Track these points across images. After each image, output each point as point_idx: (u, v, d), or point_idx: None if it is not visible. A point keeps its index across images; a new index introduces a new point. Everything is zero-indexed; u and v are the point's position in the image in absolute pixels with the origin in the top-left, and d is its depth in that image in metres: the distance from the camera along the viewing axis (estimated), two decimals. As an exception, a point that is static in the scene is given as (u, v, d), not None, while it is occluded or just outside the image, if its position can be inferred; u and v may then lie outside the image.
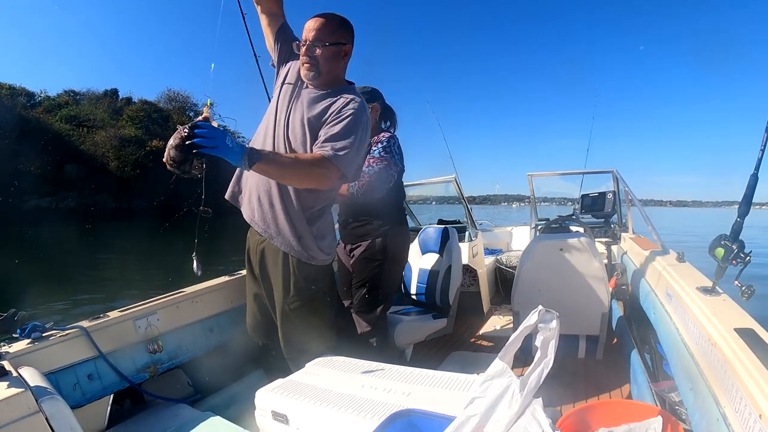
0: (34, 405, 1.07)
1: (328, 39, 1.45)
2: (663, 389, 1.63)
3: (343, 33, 1.50)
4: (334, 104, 1.47)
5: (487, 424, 0.87)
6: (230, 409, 1.80)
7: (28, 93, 32.70)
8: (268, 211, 1.49)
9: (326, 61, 1.47)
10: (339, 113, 1.44)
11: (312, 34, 1.44)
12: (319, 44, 1.44)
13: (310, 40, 1.44)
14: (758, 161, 1.21)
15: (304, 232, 1.49)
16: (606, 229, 3.83)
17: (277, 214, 1.48)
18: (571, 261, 2.13)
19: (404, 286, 2.73)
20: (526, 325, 0.92)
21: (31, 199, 26.64)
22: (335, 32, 1.47)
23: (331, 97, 1.49)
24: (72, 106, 33.88)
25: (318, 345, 1.56)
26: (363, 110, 1.47)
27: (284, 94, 1.55)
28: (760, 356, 0.92)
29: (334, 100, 1.48)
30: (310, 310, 1.54)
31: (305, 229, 1.49)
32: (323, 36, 1.45)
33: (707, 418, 1.05)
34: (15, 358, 1.30)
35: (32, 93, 33.31)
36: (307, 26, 1.47)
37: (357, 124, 1.43)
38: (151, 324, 1.69)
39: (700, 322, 1.22)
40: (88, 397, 1.47)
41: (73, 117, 32.10)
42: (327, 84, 1.52)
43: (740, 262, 1.23)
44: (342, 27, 1.49)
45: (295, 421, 1.19)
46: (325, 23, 1.46)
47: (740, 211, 1.26)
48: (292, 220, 1.48)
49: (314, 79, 1.50)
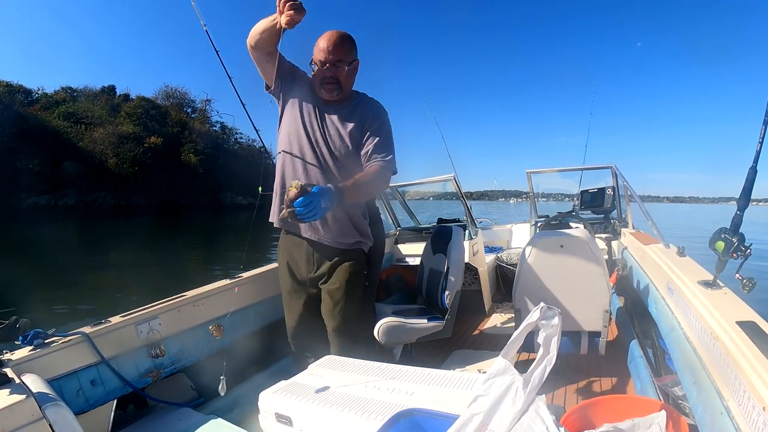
0: (38, 412, 1.07)
1: (347, 58, 1.55)
2: (666, 384, 1.63)
3: (355, 48, 1.59)
4: (366, 115, 1.63)
5: (490, 422, 0.87)
6: (234, 412, 1.80)
7: (25, 90, 32.62)
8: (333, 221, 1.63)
9: (347, 79, 1.59)
10: (375, 122, 1.62)
11: (332, 56, 1.52)
12: (340, 65, 1.53)
13: (331, 62, 1.52)
14: (757, 153, 1.21)
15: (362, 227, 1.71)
16: (606, 225, 3.83)
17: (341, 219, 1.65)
18: (572, 257, 2.13)
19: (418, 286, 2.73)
20: (528, 322, 0.92)
21: (30, 196, 26.59)
22: (351, 50, 1.56)
23: (357, 109, 1.64)
24: (69, 103, 33.83)
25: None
26: (385, 111, 1.68)
27: (309, 115, 1.63)
28: (763, 349, 0.92)
29: (365, 111, 1.64)
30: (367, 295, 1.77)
31: (362, 223, 1.71)
32: (343, 56, 1.53)
33: (711, 411, 1.05)
34: (17, 365, 1.30)
35: (29, 90, 33.29)
36: (322, 48, 1.52)
37: (389, 126, 1.66)
38: (153, 328, 1.69)
39: (702, 315, 1.22)
40: (91, 403, 1.46)
41: (70, 114, 32.03)
42: (346, 97, 1.64)
43: (741, 255, 1.23)
44: (353, 43, 1.58)
45: (299, 422, 1.19)
46: (342, 43, 1.53)
47: (740, 204, 1.26)
48: (353, 220, 1.68)
49: (336, 96, 1.60)
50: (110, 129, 32.24)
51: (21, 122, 27.11)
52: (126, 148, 31.88)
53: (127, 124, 34.21)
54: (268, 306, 2.28)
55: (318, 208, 1.24)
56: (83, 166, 29.50)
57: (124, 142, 32.06)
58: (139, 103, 37.66)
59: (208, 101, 45.17)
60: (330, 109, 1.63)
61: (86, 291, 7.34)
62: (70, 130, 30.82)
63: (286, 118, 1.67)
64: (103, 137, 31.38)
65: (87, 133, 31.29)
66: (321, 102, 1.63)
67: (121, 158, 31.42)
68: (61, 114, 31.63)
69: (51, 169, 27.75)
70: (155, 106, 38.94)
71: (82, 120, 32.12)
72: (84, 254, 12.08)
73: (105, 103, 36.00)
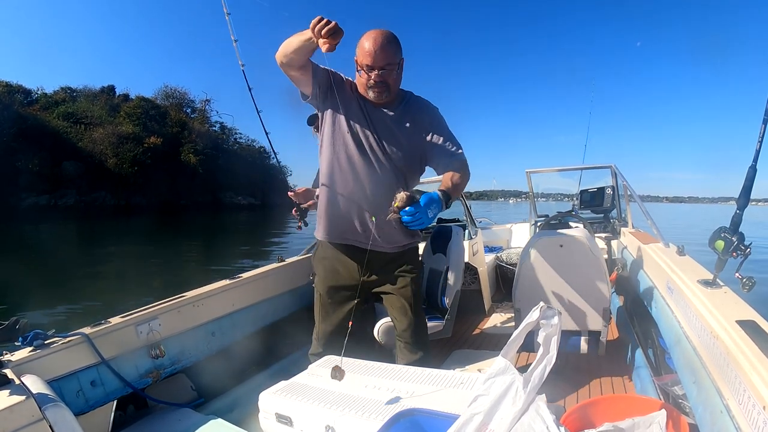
0: (38, 412, 1.07)
1: (395, 60, 1.49)
2: (666, 383, 1.63)
3: (400, 47, 1.52)
4: (419, 115, 1.60)
5: (491, 422, 0.87)
6: (234, 412, 1.80)
7: (24, 90, 32.51)
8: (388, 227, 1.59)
9: (396, 81, 1.54)
10: (433, 120, 1.61)
11: (380, 61, 1.46)
12: (389, 68, 1.48)
13: (380, 67, 1.47)
14: (756, 153, 1.22)
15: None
16: (605, 225, 3.83)
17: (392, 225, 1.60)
18: (572, 257, 2.13)
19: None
20: (528, 322, 0.92)
21: (30, 196, 26.53)
22: (397, 51, 1.50)
23: (408, 109, 1.60)
24: (69, 103, 33.73)
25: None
26: (435, 107, 1.67)
27: (358, 121, 1.58)
28: (763, 348, 0.92)
29: (417, 111, 1.61)
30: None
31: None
32: (392, 59, 1.48)
33: (711, 410, 1.05)
34: (18, 366, 1.29)
35: (29, 90, 33.16)
36: (368, 51, 1.45)
37: (445, 120, 1.64)
38: (152, 329, 1.69)
39: (702, 314, 1.22)
40: (91, 404, 1.46)
41: (70, 114, 31.95)
42: (394, 98, 1.60)
43: (740, 254, 1.23)
44: (398, 43, 1.51)
45: (300, 422, 1.19)
46: (388, 45, 1.47)
47: (740, 203, 1.26)
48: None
49: (386, 99, 1.56)
50: (110, 129, 32.11)
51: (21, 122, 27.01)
52: (125, 148, 31.77)
53: (127, 124, 34.09)
54: (269, 306, 2.28)
55: (425, 217, 1.27)
56: (83, 166, 29.42)
57: (124, 142, 31.95)
58: (139, 103, 37.51)
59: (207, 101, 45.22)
60: (380, 111, 1.58)
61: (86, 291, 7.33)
62: (70, 130, 30.71)
63: (331, 126, 1.60)
64: (102, 137, 31.26)
65: (86, 133, 31.19)
66: (369, 105, 1.58)
67: (121, 158, 31.32)
68: (60, 114, 31.52)
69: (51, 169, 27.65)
70: (155, 106, 38.78)
71: (82, 120, 32.01)
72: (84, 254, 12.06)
73: (104, 103, 35.85)
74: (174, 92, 42.58)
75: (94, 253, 12.04)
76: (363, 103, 1.58)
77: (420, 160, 1.64)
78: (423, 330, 1.76)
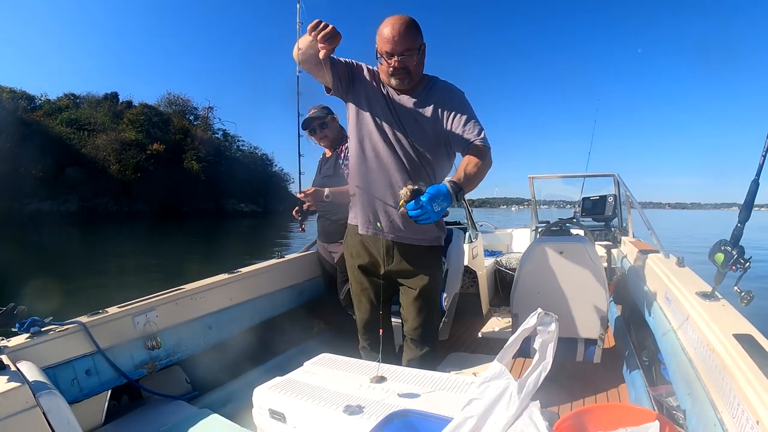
0: (32, 399, 1.08)
1: (415, 45, 1.45)
2: (660, 394, 1.63)
3: (420, 32, 1.48)
4: (442, 99, 1.53)
5: (484, 426, 0.87)
6: (228, 406, 1.80)
7: (28, 96, 32.59)
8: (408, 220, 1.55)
9: (417, 66, 1.50)
10: (454, 103, 1.53)
11: (399, 46, 1.42)
12: (409, 54, 1.44)
13: (400, 53, 1.43)
14: (759, 167, 1.21)
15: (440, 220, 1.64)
16: (606, 233, 3.83)
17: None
18: (571, 264, 2.13)
19: None
20: (525, 327, 0.92)
21: (32, 202, 26.55)
22: (417, 35, 1.46)
23: (432, 94, 1.55)
24: (72, 110, 33.87)
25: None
26: (460, 90, 1.58)
27: (382, 111, 1.56)
28: (759, 362, 0.92)
29: (440, 95, 1.54)
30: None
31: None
32: (411, 44, 1.44)
33: (704, 423, 1.05)
34: (13, 353, 1.30)
35: (33, 96, 33.21)
36: (387, 37, 1.42)
37: (469, 103, 1.56)
38: (149, 320, 1.69)
39: (699, 327, 1.22)
40: (85, 393, 1.47)
41: (73, 120, 32.06)
42: (417, 83, 1.56)
43: (740, 268, 1.23)
44: (418, 28, 1.47)
45: (293, 419, 1.19)
46: (408, 31, 1.43)
47: (741, 216, 1.26)
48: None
49: (408, 85, 1.52)
50: (113, 135, 32.25)
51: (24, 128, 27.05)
52: (128, 154, 31.93)
53: (130, 130, 34.24)
54: (266, 302, 2.28)
55: (430, 211, 1.22)
56: (86, 173, 29.49)
57: (127, 149, 32.13)
58: (142, 110, 37.67)
59: (210, 108, 45.27)
60: (403, 98, 1.55)
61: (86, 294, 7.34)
62: (73, 136, 30.82)
63: (355, 117, 1.60)
64: (105, 144, 31.39)
65: (90, 139, 31.33)
66: (392, 93, 1.56)
67: (124, 165, 31.44)
68: (64, 120, 31.62)
69: (54, 175, 27.69)
70: (158, 113, 38.96)
71: (85, 126, 32.16)
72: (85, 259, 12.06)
73: (108, 110, 35.96)
74: (177, 99, 42.71)
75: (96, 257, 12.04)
76: (386, 91, 1.56)
77: (445, 146, 1.59)
78: (433, 327, 1.75)
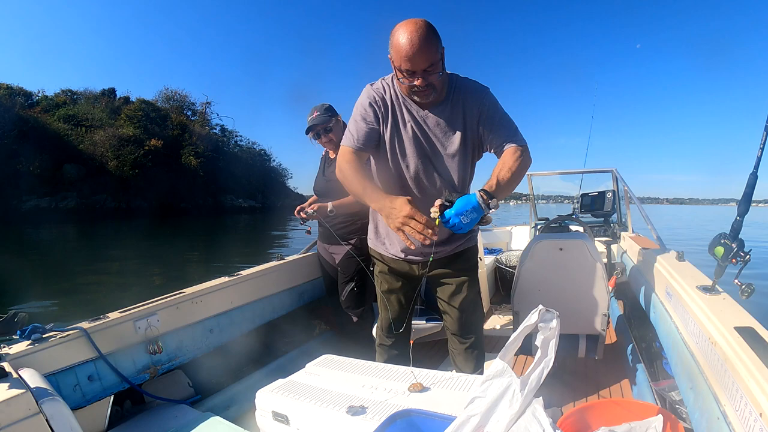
0: (35, 406, 1.07)
1: (437, 57, 1.30)
2: (663, 388, 1.63)
3: (440, 39, 1.33)
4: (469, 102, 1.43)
5: (487, 424, 0.87)
6: (231, 409, 1.80)
7: (25, 93, 32.48)
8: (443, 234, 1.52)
9: (442, 79, 1.37)
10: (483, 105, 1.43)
11: (422, 63, 1.28)
12: (433, 68, 1.31)
13: (423, 69, 1.29)
14: (757, 160, 1.21)
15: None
16: (606, 229, 3.83)
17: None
18: (571, 260, 2.13)
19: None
20: (527, 324, 0.92)
21: (31, 199, 26.53)
22: (438, 46, 1.31)
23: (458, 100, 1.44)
24: (70, 106, 33.73)
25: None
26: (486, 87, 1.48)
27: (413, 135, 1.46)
28: (761, 355, 0.92)
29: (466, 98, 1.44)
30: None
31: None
32: (434, 56, 1.29)
33: (707, 416, 1.05)
34: (15, 360, 1.30)
35: (30, 93, 33.12)
36: (405, 55, 1.27)
37: (498, 102, 1.46)
38: (151, 325, 1.69)
39: (700, 320, 1.22)
40: (88, 398, 1.46)
41: (71, 116, 31.93)
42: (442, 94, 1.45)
43: (740, 260, 1.23)
44: (437, 36, 1.31)
45: (296, 421, 1.19)
46: (428, 45, 1.26)
47: (740, 209, 1.26)
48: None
49: (433, 98, 1.41)
50: (110, 131, 32.12)
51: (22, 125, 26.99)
52: (126, 150, 31.82)
53: (128, 126, 34.13)
54: (267, 305, 2.28)
55: (459, 223, 1.18)
56: (84, 169, 29.42)
57: (125, 145, 32.00)
58: (140, 105, 37.54)
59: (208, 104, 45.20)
60: (429, 114, 1.45)
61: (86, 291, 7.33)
62: (71, 132, 30.72)
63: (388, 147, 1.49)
64: (103, 140, 31.28)
65: (87, 135, 31.22)
66: (416, 109, 1.45)
67: (122, 161, 31.34)
68: (61, 116, 31.51)
69: (52, 172, 27.63)
70: (155, 109, 38.84)
71: (83, 122, 32.02)
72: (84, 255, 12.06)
73: (105, 106, 35.90)
74: (174, 95, 42.61)
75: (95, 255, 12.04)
76: (409, 110, 1.44)
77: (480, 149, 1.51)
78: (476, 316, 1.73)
